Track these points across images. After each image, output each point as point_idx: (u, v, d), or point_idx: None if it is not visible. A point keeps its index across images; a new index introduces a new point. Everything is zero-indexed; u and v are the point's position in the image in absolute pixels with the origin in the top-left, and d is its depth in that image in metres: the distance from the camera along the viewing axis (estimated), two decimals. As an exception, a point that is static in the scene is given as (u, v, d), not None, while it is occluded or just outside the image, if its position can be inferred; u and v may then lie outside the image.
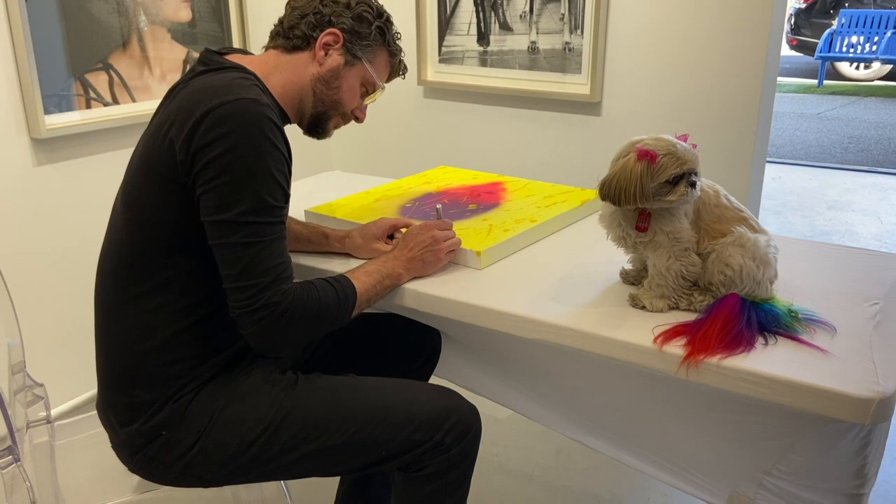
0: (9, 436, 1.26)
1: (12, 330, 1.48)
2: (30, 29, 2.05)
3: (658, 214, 1.29)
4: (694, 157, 1.25)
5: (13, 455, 1.23)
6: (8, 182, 2.11)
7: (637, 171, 1.24)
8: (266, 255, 1.19)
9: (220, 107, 1.18)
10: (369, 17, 1.41)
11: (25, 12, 2.03)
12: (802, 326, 1.25)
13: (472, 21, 2.68)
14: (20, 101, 2.10)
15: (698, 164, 1.26)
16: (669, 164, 1.23)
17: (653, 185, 1.24)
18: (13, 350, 1.45)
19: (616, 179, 1.26)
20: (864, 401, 1.06)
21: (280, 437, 1.26)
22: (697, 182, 1.26)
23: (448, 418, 1.30)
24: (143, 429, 1.25)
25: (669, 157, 1.23)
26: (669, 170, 1.23)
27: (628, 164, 1.25)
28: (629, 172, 1.24)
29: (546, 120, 2.65)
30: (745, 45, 2.27)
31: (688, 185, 1.24)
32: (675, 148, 1.24)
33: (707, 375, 1.17)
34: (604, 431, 1.52)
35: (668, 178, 1.24)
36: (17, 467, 1.24)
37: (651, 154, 1.24)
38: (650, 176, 1.24)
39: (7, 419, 1.19)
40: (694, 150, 1.26)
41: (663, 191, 1.25)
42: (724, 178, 2.39)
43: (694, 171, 1.25)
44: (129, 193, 1.28)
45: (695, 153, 1.26)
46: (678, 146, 1.25)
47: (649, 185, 1.24)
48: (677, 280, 1.30)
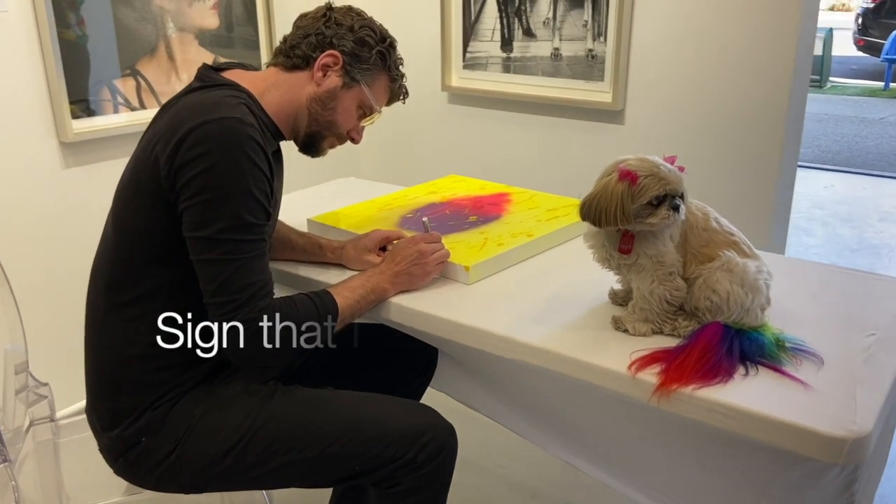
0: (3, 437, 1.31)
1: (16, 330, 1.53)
2: (58, 36, 2.12)
3: (642, 237, 1.25)
4: (678, 180, 1.21)
5: (2, 455, 1.27)
6: (36, 183, 2.19)
7: (618, 192, 1.20)
8: (243, 272, 1.21)
9: (203, 125, 1.20)
10: (371, 41, 1.42)
11: (53, 19, 2.10)
12: (788, 356, 1.20)
13: (496, 27, 2.66)
14: (49, 106, 2.18)
15: (682, 187, 1.22)
16: (651, 186, 1.20)
17: (634, 207, 1.21)
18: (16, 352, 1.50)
19: (597, 199, 1.23)
20: (836, 440, 1.01)
21: (254, 449, 1.27)
22: (681, 205, 1.22)
23: (421, 436, 1.30)
24: (124, 434, 1.28)
25: (651, 179, 1.20)
26: (651, 191, 1.20)
27: (609, 184, 1.22)
28: (610, 193, 1.21)
29: (568, 128, 2.62)
30: (772, 50, 2.20)
31: (670, 207, 1.21)
32: (658, 169, 1.21)
33: (679, 405, 1.13)
34: (593, 455, 1.49)
35: (650, 200, 1.20)
36: (6, 467, 1.28)
37: (632, 175, 1.20)
38: (631, 197, 1.20)
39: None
40: (679, 173, 1.22)
41: (645, 213, 1.21)
42: (749, 189, 2.33)
43: (677, 194, 1.22)
44: (118, 205, 1.32)
45: (679, 175, 1.22)
46: (662, 167, 1.21)
47: (630, 207, 1.20)
48: (661, 304, 1.27)
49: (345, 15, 1.43)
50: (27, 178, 2.17)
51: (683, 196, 1.23)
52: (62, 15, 2.14)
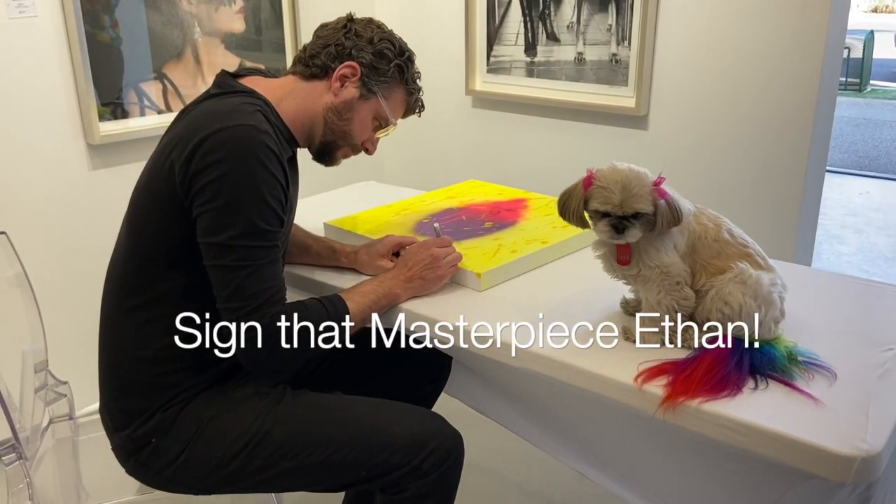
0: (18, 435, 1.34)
1: (36, 330, 1.56)
2: (86, 40, 2.16)
3: (642, 248, 1.25)
4: (623, 203, 1.18)
5: (17, 453, 1.30)
6: (64, 184, 2.23)
7: (576, 193, 1.26)
8: (256, 278, 1.22)
9: (219, 132, 1.22)
10: (390, 54, 1.42)
11: (83, 23, 2.15)
12: (800, 371, 1.18)
13: (520, 31, 2.65)
14: (77, 109, 2.22)
15: (633, 209, 1.19)
16: (595, 198, 1.22)
17: (589, 211, 1.24)
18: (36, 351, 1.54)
19: (564, 195, 1.28)
20: (845, 458, 0.99)
21: (261, 453, 1.28)
22: (628, 228, 1.19)
23: (428, 443, 1.30)
24: (135, 435, 1.30)
25: (598, 191, 1.21)
26: (593, 203, 1.22)
27: (577, 183, 1.26)
28: (571, 191, 1.27)
29: (591, 133, 2.60)
30: (800, 54, 2.15)
31: (608, 224, 1.20)
32: (611, 185, 1.20)
33: (686, 419, 1.12)
34: (604, 466, 1.47)
35: (596, 210, 1.22)
36: (21, 465, 1.31)
37: (588, 180, 1.23)
38: (584, 201, 1.24)
39: (9, 419, 1.26)
40: (637, 196, 1.18)
41: (595, 219, 1.24)
42: (775, 196, 2.29)
43: (618, 215, 1.19)
44: (133, 210, 1.35)
45: (633, 199, 1.18)
46: (616, 185, 1.19)
47: (581, 210, 1.25)
48: (670, 315, 1.25)
49: (365, 27, 1.43)
50: (54, 179, 2.21)
51: (633, 219, 1.19)
52: (96, 17, 2.19)
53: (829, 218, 4.39)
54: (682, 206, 1.22)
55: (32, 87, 2.12)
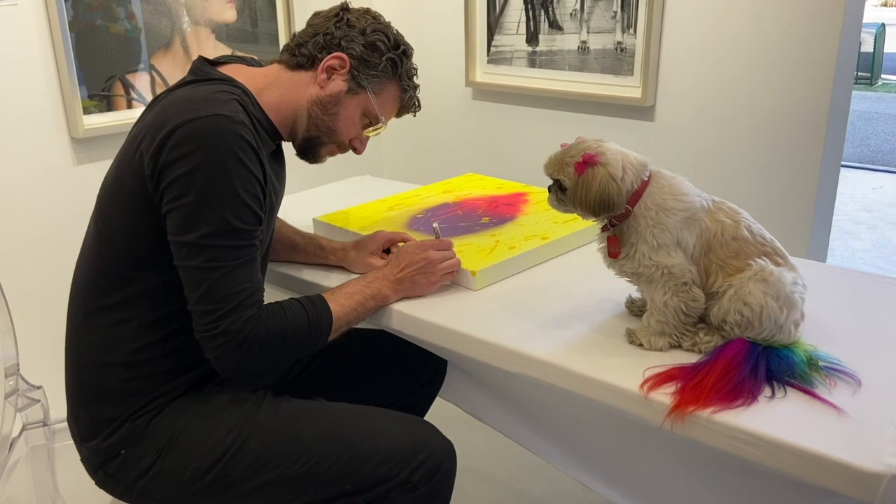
0: None
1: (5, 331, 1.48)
2: (69, 30, 2.08)
3: (631, 243, 1.18)
4: (548, 168, 1.23)
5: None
6: (48, 179, 2.15)
7: None
8: (228, 280, 1.13)
9: (190, 122, 1.13)
10: (383, 46, 1.33)
11: (65, 13, 2.06)
12: (821, 377, 1.08)
13: (522, 20, 2.55)
14: (60, 102, 2.14)
15: (556, 175, 1.22)
16: None
17: None
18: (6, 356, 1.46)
19: None
20: (872, 475, 0.90)
21: (238, 464, 1.20)
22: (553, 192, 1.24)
23: (416, 454, 1.21)
24: (103, 445, 1.22)
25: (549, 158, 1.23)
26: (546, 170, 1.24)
27: None
28: None
29: (596, 124, 2.49)
30: (814, 42, 2.05)
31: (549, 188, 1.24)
32: (560, 153, 1.22)
33: (696, 430, 1.02)
34: (607, 477, 1.38)
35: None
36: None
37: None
38: None
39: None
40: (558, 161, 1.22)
41: None
42: (788, 191, 2.19)
43: (556, 181, 1.22)
44: (101, 204, 1.27)
45: (554, 164, 1.22)
46: (557, 153, 1.23)
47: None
48: (677, 317, 1.16)
49: (359, 17, 1.34)
50: (37, 175, 2.13)
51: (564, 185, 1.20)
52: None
53: (842, 213, 4.28)
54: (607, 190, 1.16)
55: (13, 78, 2.03)
